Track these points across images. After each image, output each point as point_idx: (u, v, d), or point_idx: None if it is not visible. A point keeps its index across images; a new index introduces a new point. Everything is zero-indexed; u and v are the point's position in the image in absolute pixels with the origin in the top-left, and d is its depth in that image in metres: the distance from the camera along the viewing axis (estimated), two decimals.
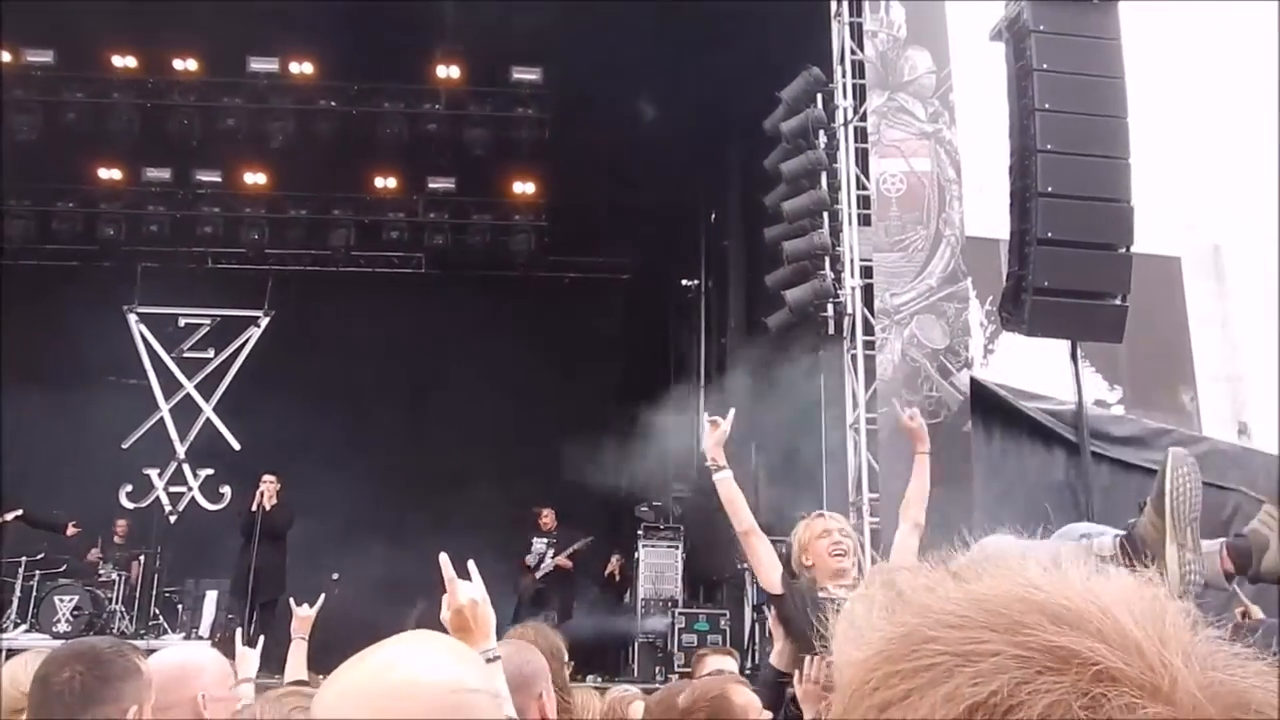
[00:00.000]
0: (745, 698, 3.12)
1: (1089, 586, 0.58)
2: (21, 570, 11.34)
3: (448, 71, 11.95)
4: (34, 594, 11.26)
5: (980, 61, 9.09)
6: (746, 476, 11.25)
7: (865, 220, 8.55)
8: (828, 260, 8.53)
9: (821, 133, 8.81)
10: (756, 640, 8.88)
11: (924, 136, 8.52)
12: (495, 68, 11.92)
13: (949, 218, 8.30)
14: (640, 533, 11.44)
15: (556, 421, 12.93)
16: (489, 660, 2.13)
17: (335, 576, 11.84)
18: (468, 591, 2.20)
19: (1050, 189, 7.71)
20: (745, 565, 9.91)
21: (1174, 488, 3.04)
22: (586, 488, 13.17)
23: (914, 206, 8.30)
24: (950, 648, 0.56)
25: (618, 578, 11.88)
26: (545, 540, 11.52)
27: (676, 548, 11.10)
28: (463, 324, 13.35)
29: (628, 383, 14.11)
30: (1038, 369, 9.10)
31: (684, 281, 14.26)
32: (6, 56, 11.44)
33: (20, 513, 10.64)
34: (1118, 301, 7.87)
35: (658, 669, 9.87)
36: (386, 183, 13.27)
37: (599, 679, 8.80)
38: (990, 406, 8.16)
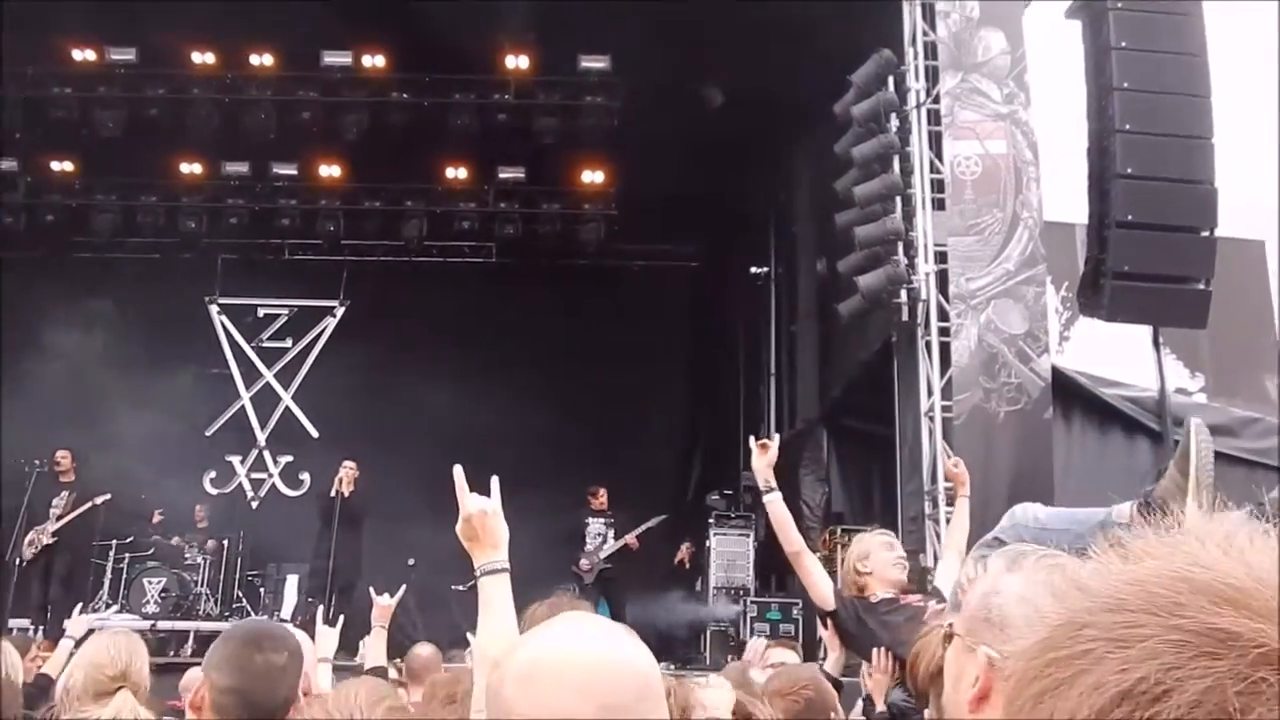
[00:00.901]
0: (829, 686, 3.18)
1: (1262, 564, 0.54)
2: (112, 553, 11.74)
3: (516, 61, 12.01)
4: (124, 576, 11.66)
5: (1056, 40, 8.88)
6: (819, 465, 11.23)
7: (939, 204, 8.42)
8: (901, 245, 8.41)
9: (893, 116, 8.68)
10: None
11: (999, 118, 8.35)
12: (564, 57, 11.94)
13: (1026, 200, 8.13)
14: (711, 521, 11.43)
15: (626, 410, 12.99)
16: (496, 571, 2.21)
17: (411, 562, 12.05)
18: (478, 503, 2.25)
19: (1130, 170, 7.51)
20: (818, 555, 9.86)
21: (1198, 451, 3.08)
22: (656, 476, 13.23)
23: (989, 189, 8.14)
24: (1104, 633, 0.53)
25: (687, 565, 11.90)
26: (602, 521, 11.54)
27: (748, 536, 11.08)
28: (533, 313, 13.45)
29: (697, 371, 14.13)
30: (1115, 356, 8.89)
31: (753, 269, 14.17)
32: (91, 55, 11.78)
33: (109, 497, 10.99)
34: (1200, 286, 7.64)
35: (729, 657, 9.86)
36: (457, 173, 13.39)
37: (670, 666, 8.82)
38: (1071, 394, 8.00)
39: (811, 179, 11.69)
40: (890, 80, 8.66)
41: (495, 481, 2.31)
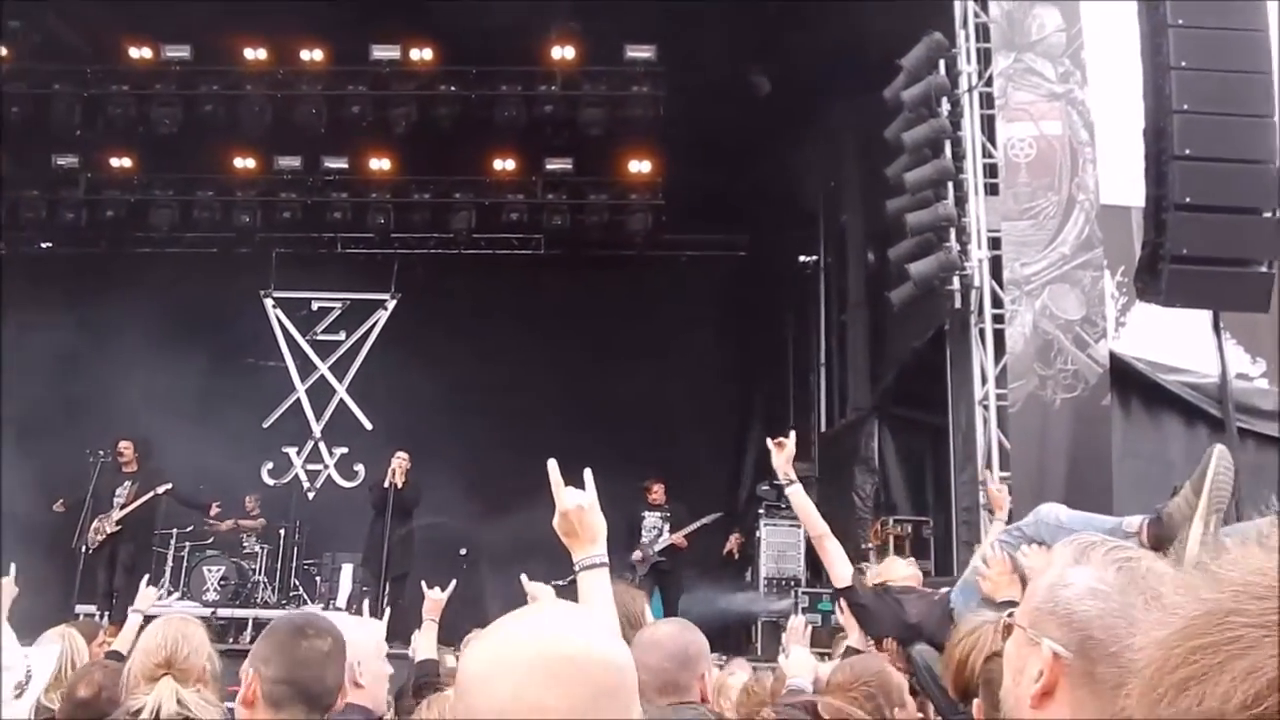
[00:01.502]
0: (899, 677, 3.13)
1: None
2: (174, 542, 12.00)
3: (562, 52, 12.03)
4: (185, 564, 11.92)
5: (1114, 15, 8.66)
6: (870, 455, 11.13)
7: (992, 190, 8.28)
8: (953, 231, 8.29)
9: (944, 100, 8.55)
10: None
11: (1054, 98, 8.18)
12: (609, 47, 11.94)
13: (1082, 182, 7.97)
14: (761, 511, 11.40)
15: (674, 400, 12.97)
16: (596, 566, 2.20)
17: (463, 552, 12.16)
18: (575, 497, 2.24)
19: (1188, 151, 7.30)
20: (870, 545, 9.80)
21: (1215, 475, 3.31)
22: (705, 465, 13.21)
23: (1045, 172, 7.98)
24: (1254, 620, 0.52)
25: (736, 555, 11.87)
26: (658, 514, 11.56)
27: (799, 527, 11.00)
28: (582, 303, 13.48)
29: (746, 361, 14.07)
30: (1174, 341, 8.69)
31: (802, 257, 14.06)
32: (147, 53, 12.00)
33: (170, 486, 11.22)
34: (1263, 269, 7.43)
35: (781, 649, 9.83)
36: (505, 165, 13.45)
37: (720, 657, 8.80)
38: (1128, 380, 7.84)
39: (861, 166, 11.56)
40: (941, 64, 8.53)
41: (589, 475, 2.29)
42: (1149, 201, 7.72)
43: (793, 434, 4.62)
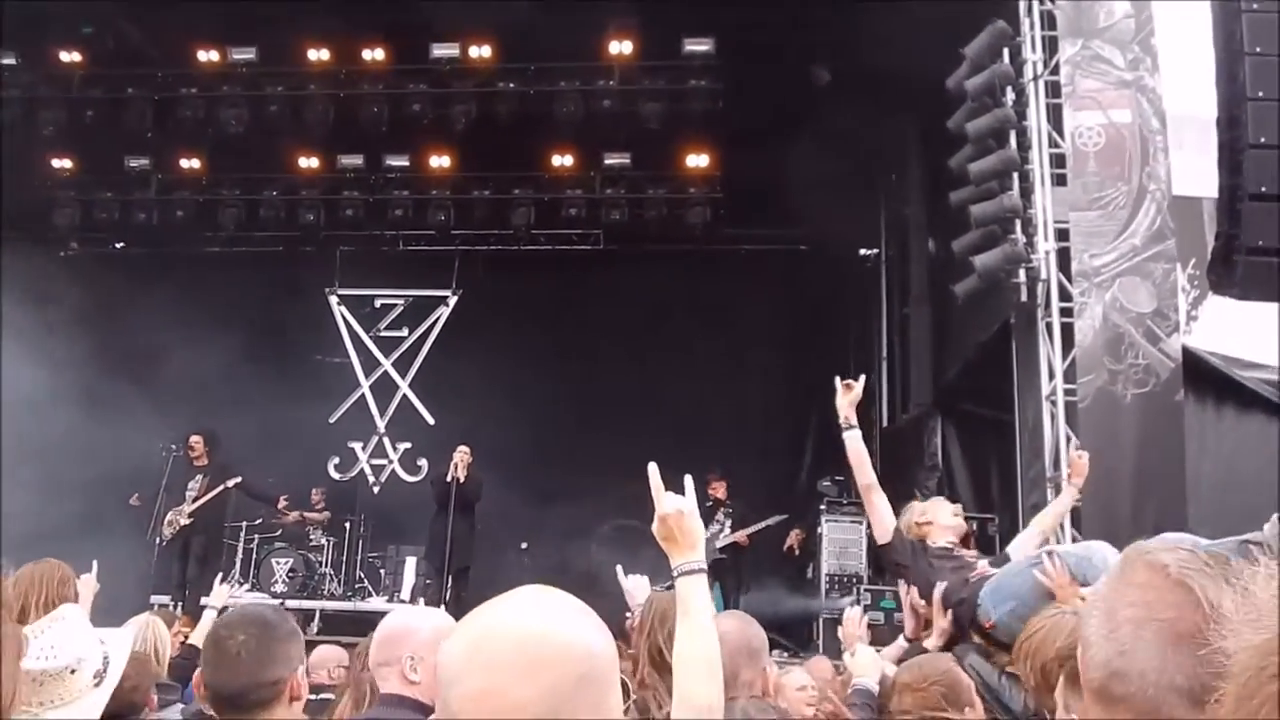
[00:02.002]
0: (965, 677, 3.09)
1: None
2: (243, 534, 12.26)
3: (620, 47, 12.03)
4: (254, 556, 12.18)
5: (1185, 2, 8.42)
6: (933, 451, 10.98)
7: (1059, 180, 8.11)
8: (1019, 223, 8.14)
9: (1009, 89, 8.39)
10: None
11: (1123, 86, 7.98)
12: (667, 41, 11.91)
13: (1153, 171, 7.77)
14: (823, 507, 11.31)
15: (735, 395, 12.93)
16: (694, 572, 2.20)
17: (524, 546, 12.27)
18: (674, 502, 2.24)
19: (1263, 139, 7.06)
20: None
21: None
22: (764, 461, 13.15)
23: (1114, 161, 7.80)
24: None
25: (797, 552, 11.80)
26: (720, 511, 11.55)
27: (860, 523, 10.90)
28: (641, 299, 13.48)
29: (806, 356, 13.96)
30: (1248, 336, 8.43)
31: (863, 251, 13.92)
32: (214, 56, 12.25)
33: (239, 480, 11.47)
34: None
35: (844, 647, 9.75)
36: (564, 161, 13.48)
37: (781, 654, 8.77)
38: (1202, 376, 7.63)
39: (923, 157, 11.41)
40: (1005, 52, 8.37)
41: (689, 481, 2.29)
42: (1222, 191, 7.49)
43: (862, 378, 4.60)
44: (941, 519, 4.48)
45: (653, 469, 2.26)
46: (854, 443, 4.50)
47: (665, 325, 13.17)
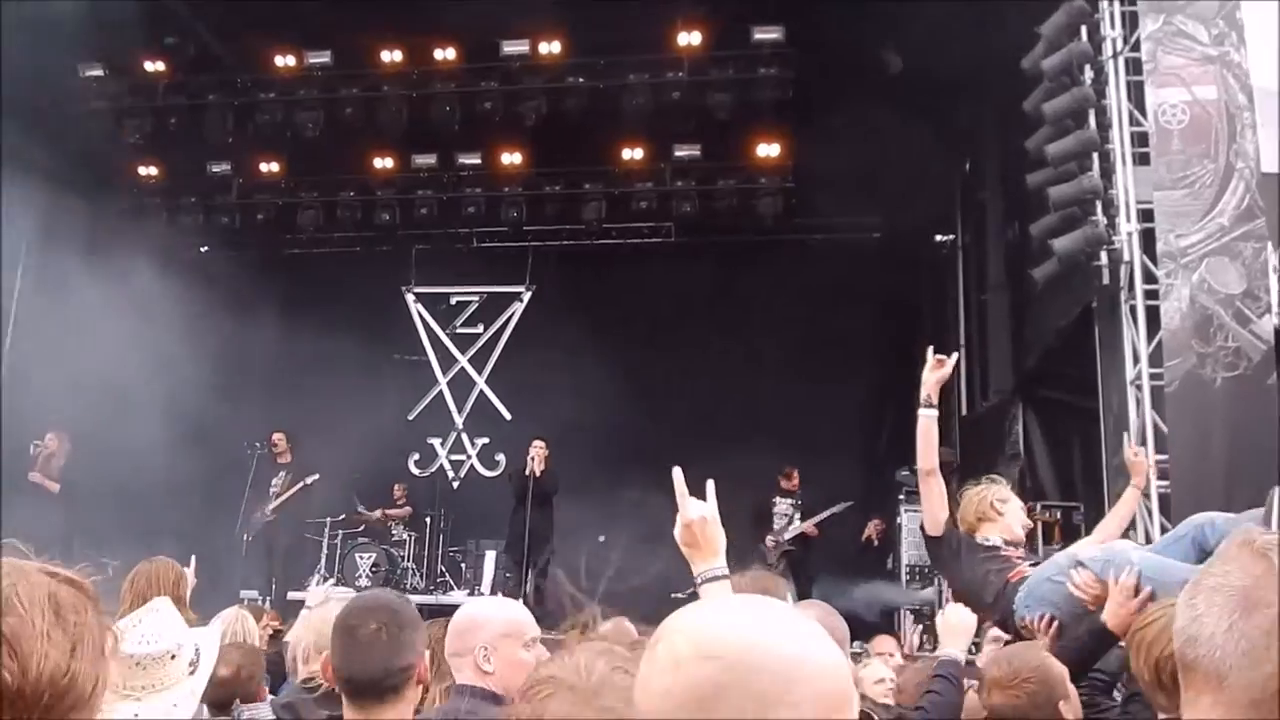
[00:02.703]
0: (1060, 668, 3.01)
1: None
2: (327, 530, 12.55)
3: (689, 38, 11.99)
4: (338, 551, 12.46)
5: None
6: (1014, 439, 10.76)
7: (1142, 159, 7.88)
8: (1099, 204, 7.93)
9: (1087, 67, 8.17)
10: None
11: (1208, 61, 7.72)
12: (736, 29, 11.84)
13: (1241, 149, 7.50)
14: (902, 497, 11.16)
15: (810, 385, 12.81)
16: (717, 579, 2.21)
17: (601, 539, 12.33)
18: (698, 508, 2.25)
19: None
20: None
21: None
22: (839, 451, 13.01)
23: (1199, 139, 7.55)
24: None
25: (876, 542, 11.67)
26: (790, 501, 11.47)
27: None
28: (713, 290, 13.45)
29: (882, 345, 13.79)
30: None
31: (938, 237, 13.67)
32: (291, 60, 12.51)
33: (317, 477, 11.73)
34: None
35: (924, 638, 9.63)
36: (634, 154, 13.48)
37: (860, 645, 8.67)
38: None
39: (999, 140, 11.17)
40: (1083, 30, 8.16)
41: (711, 486, 2.30)
42: None
43: (955, 355, 4.39)
44: (1012, 518, 4.31)
45: (677, 474, 2.26)
46: (927, 422, 4.29)
47: (737, 316, 13.12)
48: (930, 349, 4.38)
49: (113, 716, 1.39)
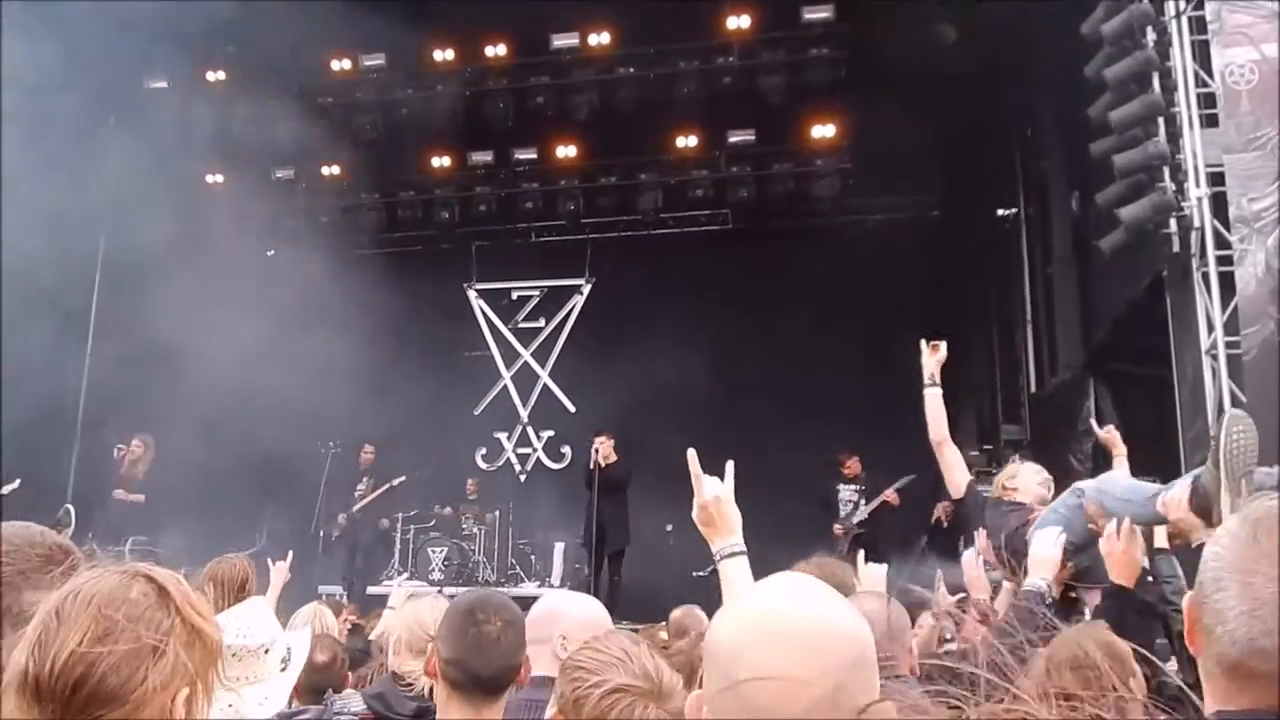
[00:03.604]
0: (1124, 645, 2.96)
1: None
2: (400, 526, 12.77)
3: (738, 22, 11.93)
4: (411, 546, 12.67)
5: None
6: (1088, 413, 10.54)
7: (1209, 121, 7.65)
8: (1167, 170, 7.72)
9: (1149, 29, 7.95)
10: None
11: (1276, 18, 7.47)
12: (785, 11, 11.76)
13: None
14: (972, 477, 10.99)
15: (873, 367, 12.67)
16: (735, 555, 2.26)
17: (669, 528, 12.35)
18: (712, 488, 2.32)
19: None
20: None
21: (1228, 444, 3.46)
22: (906, 434, 12.83)
23: (1269, 98, 7.30)
24: None
25: (945, 524, 11.52)
26: (853, 487, 11.39)
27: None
28: (771, 276, 13.36)
29: (945, 324, 13.56)
30: None
31: (1000, 211, 13.42)
32: (347, 64, 12.69)
33: (403, 479, 12.00)
34: None
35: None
36: (687, 141, 13.46)
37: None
38: None
39: (1059, 108, 10.92)
40: None
41: (730, 466, 2.37)
42: None
43: (944, 343, 4.95)
44: (1026, 484, 4.60)
45: (691, 455, 2.34)
46: (934, 400, 4.88)
47: (796, 300, 13.00)
48: (923, 340, 4.96)
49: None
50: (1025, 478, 4.66)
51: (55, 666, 1.34)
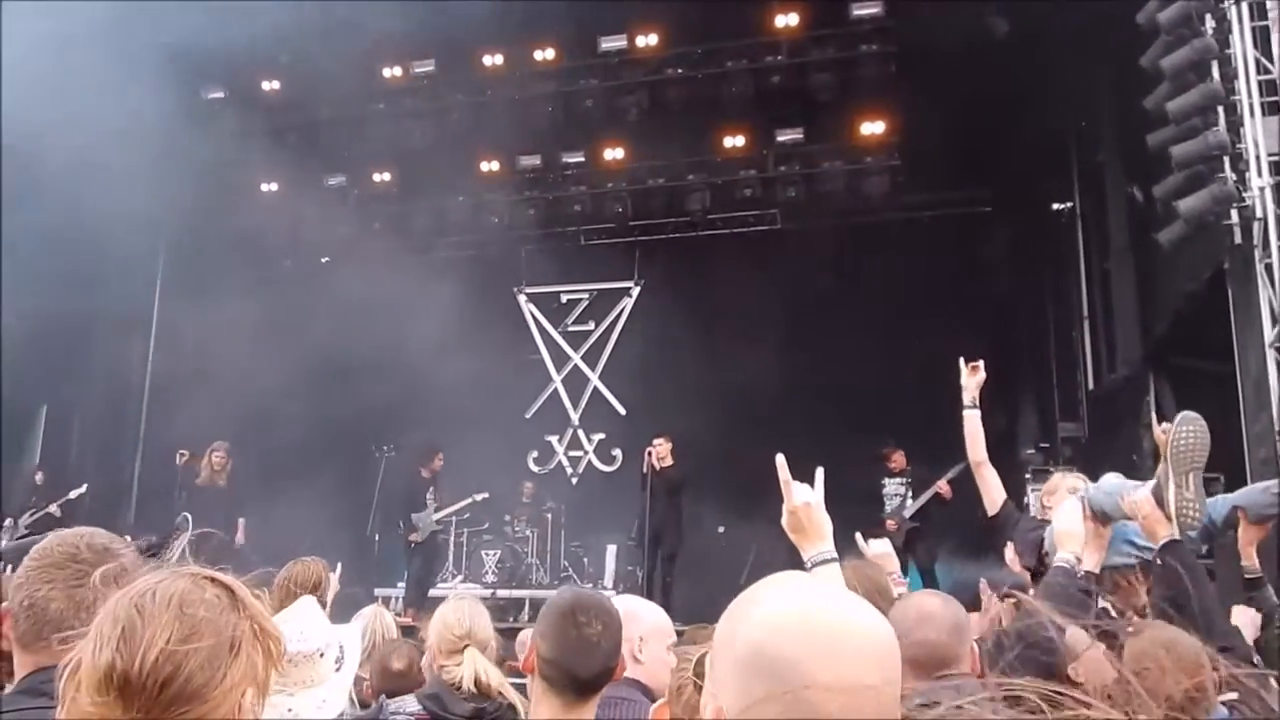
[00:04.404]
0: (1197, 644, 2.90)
1: None
2: (453, 528, 12.87)
3: (786, 19, 11.87)
4: (465, 549, 12.77)
5: None
6: (1149, 409, 10.33)
7: (1271, 109, 7.47)
8: (1227, 160, 7.54)
9: (1207, 16, 7.78)
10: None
11: None
12: (834, 7, 11.67)
13: None
14: (1029, 476, 10.83)
15: (928, 365, 12.51)
16: (826, 561, 2.25)
17: (721, 529, 12.34)
18: (802, 494, 2.30)
19: None
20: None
21: (1175, 440, 3.76)
22: (956, 432, 12.67)
23: None
24: None
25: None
26: (899, 481, 11.27)
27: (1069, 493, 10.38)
28: (821, 275, 13.26)
29: (1000, 321, 13.42)
30: None
31: (1055, 205, 13.19)
32: (397, 71, 12.82)
33: (486, 495, 12.06)
34: None
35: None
36: (735, 141, 13.40)
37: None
38: None
39: (1115, 100, 10.72)
40: None
41: (820, 474, 2.35)
42: None
43: (982, 362, 5.09)
44: (1058, 494, 4.60)
45: (780, 461, 2.31)
46: (972, 421, 4.99)
47: (848, 300, 12.92)
48: (961, 359, 5.09)
49: (268, 711, 1.47)
50: (1057, 486, 4.73)
51: (145, 664, 1.37)
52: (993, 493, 4.89)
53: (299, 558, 4.78)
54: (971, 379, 5.01)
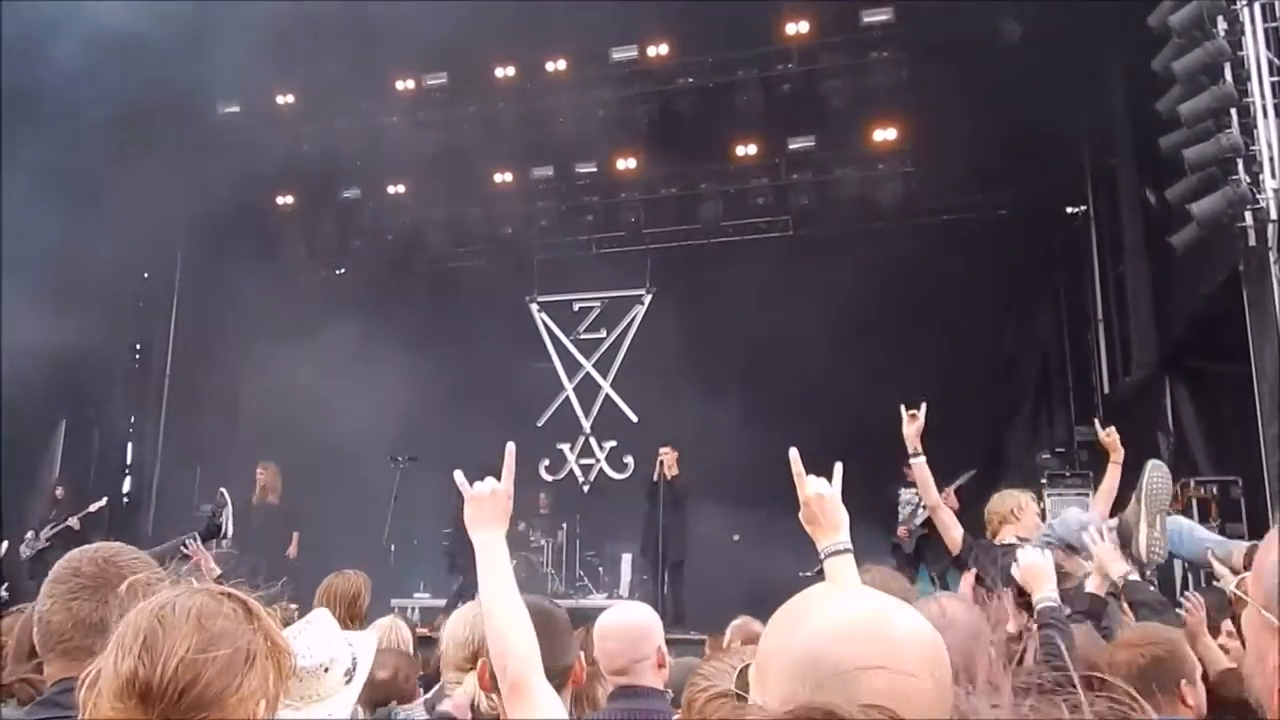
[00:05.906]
0: (1188, 654, 2.92)
1: None
2: (467, 539, 12.88)
3: (797, 27, 11.88)
4: None
5: None
6: (1164, 413, 10.28)
7: None
8: (1240, 163, 7.52)
9: (1219, 19, 7.76)
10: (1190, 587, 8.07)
11: None
12: (844, 15, 11.67)
13: None
14: (1044, 481, 10.80)
15: (943, 370, 12.50)
16: (840, 552, 2.27)
17: (736, 538, 12.31)
18: (816, 486, 2.33)
19: None
20: (1172, 512, 9.04)
21: (1149, 484, 4.33)
22: (972, 438, 12.64)
23: None
24: None
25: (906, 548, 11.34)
26: (913, 490, 11.24)
27: (1086, 495, 10.36)
28: (835, 282, 13.22)
29: (1014, 325, 13.38)
30: None
31: (1069, 209, 13.16)
32: (410, 84, 12.89)
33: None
34: None
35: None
36: (747, 150, 13.41)
37: None
38: None
39: (1128, 103, 10.71)
40: None
41: (838, 468, 2.37)
42: None
43: (923, 406, 5.25)
44: (1028, 520, 5.03)
45: (793, 454, 2.33)
46: (920, 468, 5.27)
47: (860, 308, 12.87)
48: (902, 406, 5.28)
49: None
50: (1029, 515, 5.09)
51: (166, 672, 1.45)
52: (951, 532, 5.13)
53: (339, 569, 4.82)
54: (910, 427, 5.18)
